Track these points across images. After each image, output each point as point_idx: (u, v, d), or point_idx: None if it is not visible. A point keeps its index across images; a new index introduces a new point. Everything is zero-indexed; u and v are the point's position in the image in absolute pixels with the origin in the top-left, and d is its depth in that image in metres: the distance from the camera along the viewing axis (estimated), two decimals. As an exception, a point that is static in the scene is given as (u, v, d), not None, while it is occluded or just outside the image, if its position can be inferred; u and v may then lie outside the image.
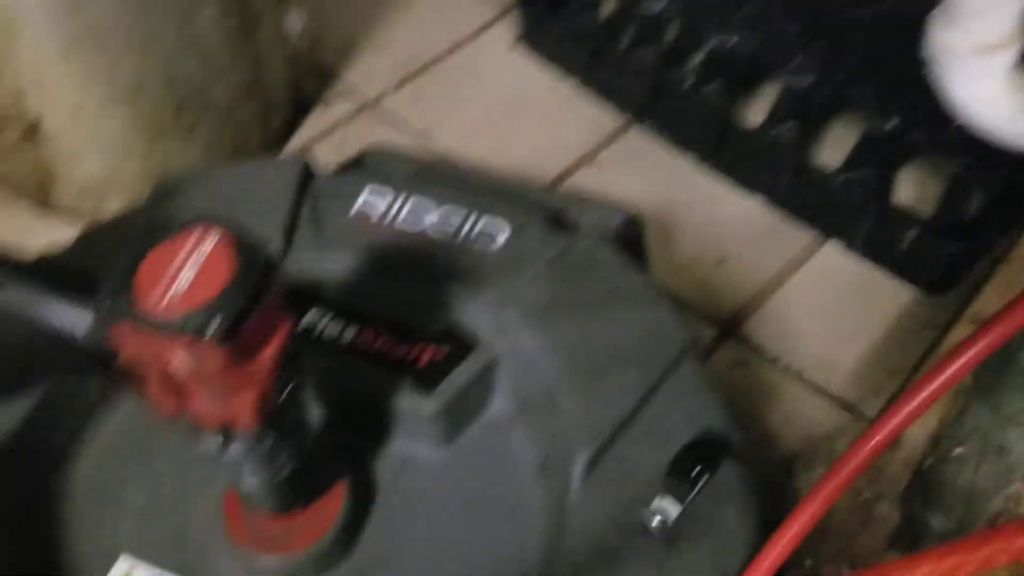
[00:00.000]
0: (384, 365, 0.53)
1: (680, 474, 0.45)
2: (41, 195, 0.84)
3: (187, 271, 0.36)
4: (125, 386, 0.42)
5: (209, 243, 0.36)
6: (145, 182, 0.81)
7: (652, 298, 0.53)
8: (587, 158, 0.85)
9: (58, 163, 0.80)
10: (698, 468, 0.45)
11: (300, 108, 0.94)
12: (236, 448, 0.41)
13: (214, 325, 0.35)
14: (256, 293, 0.36)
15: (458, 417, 0.53)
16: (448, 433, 0.53)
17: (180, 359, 0.36)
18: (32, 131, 0.77)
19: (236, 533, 0.49)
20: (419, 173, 0.65)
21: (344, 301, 0.56)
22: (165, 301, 0.35)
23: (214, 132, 0.84)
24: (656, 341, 0.51)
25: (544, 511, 0.50)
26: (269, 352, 0.38)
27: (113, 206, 0.83)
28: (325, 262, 0.57)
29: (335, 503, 0.50)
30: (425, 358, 0.53)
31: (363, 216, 0.59)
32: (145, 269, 0.36)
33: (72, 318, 0.39)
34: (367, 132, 0.90)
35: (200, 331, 0.35)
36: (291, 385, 0.41)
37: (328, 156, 0.64)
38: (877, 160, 0.76)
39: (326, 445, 0.47)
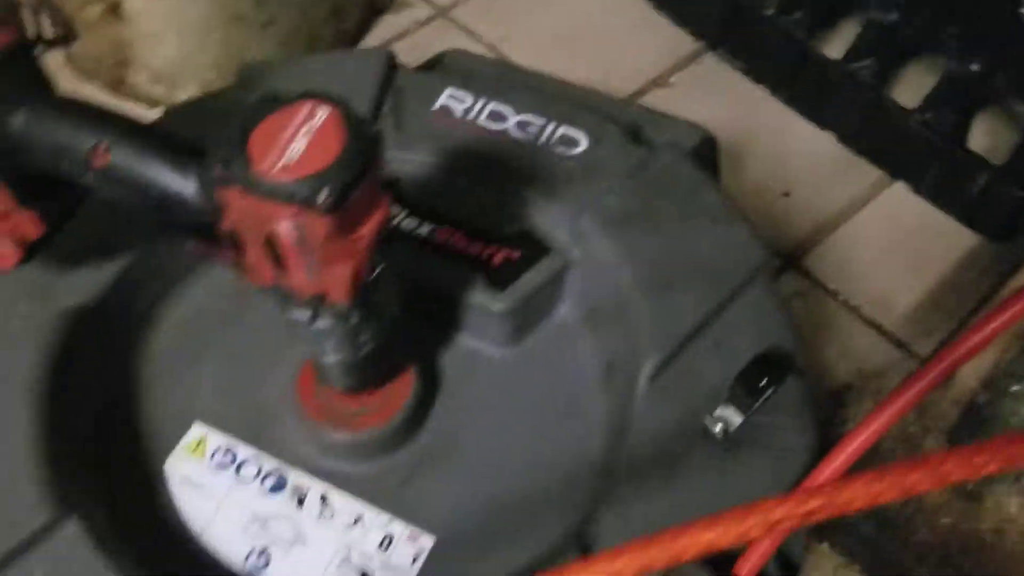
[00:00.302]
0: (458, 262, 0.54)
1: (746, 385, 0.46)
2: (115, 78, 0.85)
3: (298, 141, 0.37)
4: (217, 255, 0.43)
5: (320, 116, 0.37)
6: (218, 72, 0.82)
7: (729, 215, 0.53)
8: (659, 80, 0.85)
9: (136, 44, 0.81)
10: (764, 380, 0.46)
11: (372, 11, 0.93)
12: (323, 322, 0.43)
13: (323, 194, 0.36)
14: (364, 167, 0.37)
15: (527, 318, 0.54)
16: (515, 333, 0.54)
17: (286, 226, 0.37)
18: (114, 9, 0.78)
19: (308, 408, 0.51)
20: (499, 78, 0.65)
21: (422, 196, 0.57)
22: (276, 168, 0.36)
23: (289, 27, 0.84)
24: (731, 257, 0.51)
25: (607, 414, 0.51)
26: (368, 228, 0.39)
27: (183, 95, 0.84)
28: (405, 156, 0.58)
29: (404, 388, 0.52)
30: (499, 258, 0.54)
31: (445, 113, 0.59)
32: (257, 137, 0.37)
33: (180, 181, 0.40)
34: (437, 40, 0.90)
35: (309, 199, 0.36)
36: (381, 266, 0.42)
37: (400, 60, 0.65)
38: (955, 103, 0.75)
39: (402, 331, 0.48)
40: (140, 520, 0.48)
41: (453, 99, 0.60)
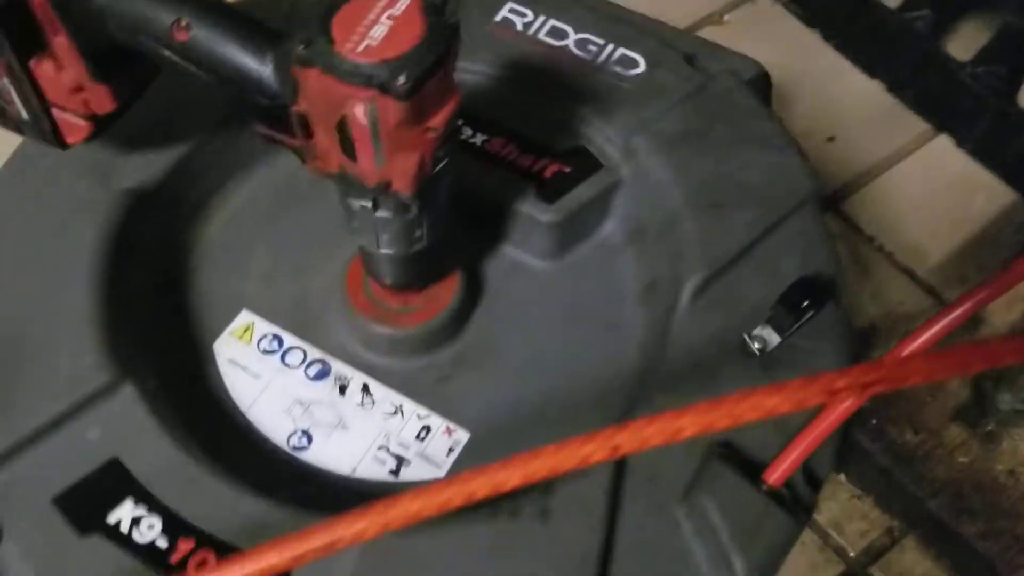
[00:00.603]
0: (509, 172, 0.55)
1: (786, 306, 0.47)
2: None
3: (379, 28, 0.38)
4: (285, 139, 0.44)
5: (401, 3, 0.38)
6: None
7: (783, 144, 0.54)
8: (713, 17, 0.85)
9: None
10: (804, 303, 0.47)
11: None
12: (383, 212, 0.44)
13: (401, 79, 0.37)
14: (442, 56, 0.38)
15: (573, 232, 0.55)
16: (560, 246, 0.55)
17: (361, 109, 0.38)
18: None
19: (354, 302, 0.52)
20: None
21: (477, 106, 0.57)
22: (357, 50, 0.37)
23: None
24: (782, 184, 0.52)
25: (646, 327, 0.52)
26: (438, 120, 0.40)
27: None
28: (462, 65, 0.58)
29: (449, 290, 0.53)
30: (549, 172, 0.55)
31: (505, 25, 0.60)
32: (339, 20, 0.38)
33: (257, 61, 0.41)
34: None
35: (387, 83, 0.37)
36: (444, 161, 0.43)
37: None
38: (1009, 58, 0.75)
39: (452, 232, 0.49)
40: (189, 393, 0.50)
41: (514, 13, 0.60)
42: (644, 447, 0.28)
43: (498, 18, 0.60)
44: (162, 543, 0.41)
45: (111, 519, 0.42)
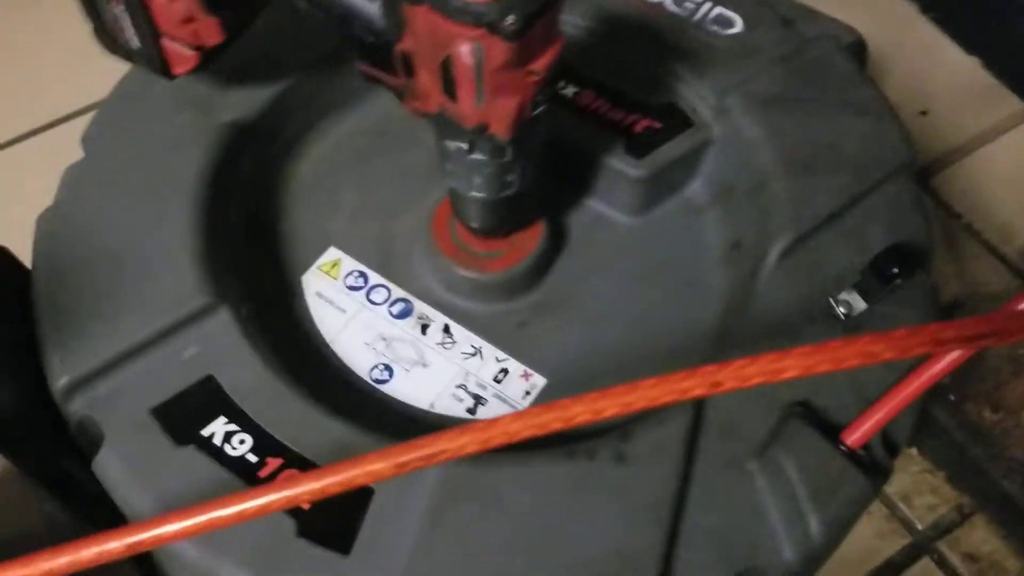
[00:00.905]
0: (599, 125, 0.56)
1: (875, 273, 0.47)
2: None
3: (489, -33, 0.38)
4: (385, 78, 0.45)
5: (513, -56, 0.38)
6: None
7: (880, 110, 0.53)
8: (808, -18, 0.83)
9: None
10: (895, 271, 0.46)
11: None
12: (479, 155, 0.45)
13: (510, 19, 0.37)
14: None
15: (659, 188, 0.56)
16: (646, 201, 0.56)
17: (467, 48, 0.39)
18: None
19: (439, 245, 0.54)
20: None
21: (569, 58, 0.57)
22: (466, -10, 0.38)
23: None
24: (877, 151, 0.51)
25: (728, 287, 0.53)
26: (541, 63, 0.40)
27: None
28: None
29: (532, 239, 0.54)
30: (640, 126, 0.55)
31: (602, -21, 0.60)
32: (449, -41, 0.38)
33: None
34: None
35: (495, 23, 0.37)
36: (542, 107, 0.44)
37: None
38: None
39: (540, 181, 0.50)
40: (278, 322, 0.52)
41: (611, -34, 0.60)
42: (745, 384, 0.28)
43: (596, -29, 0.60)
44: (252, 458, 0.43)
45: (205, 432, 0.44)
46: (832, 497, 0.41)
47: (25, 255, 0.49)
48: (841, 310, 0.47)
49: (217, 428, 0.44)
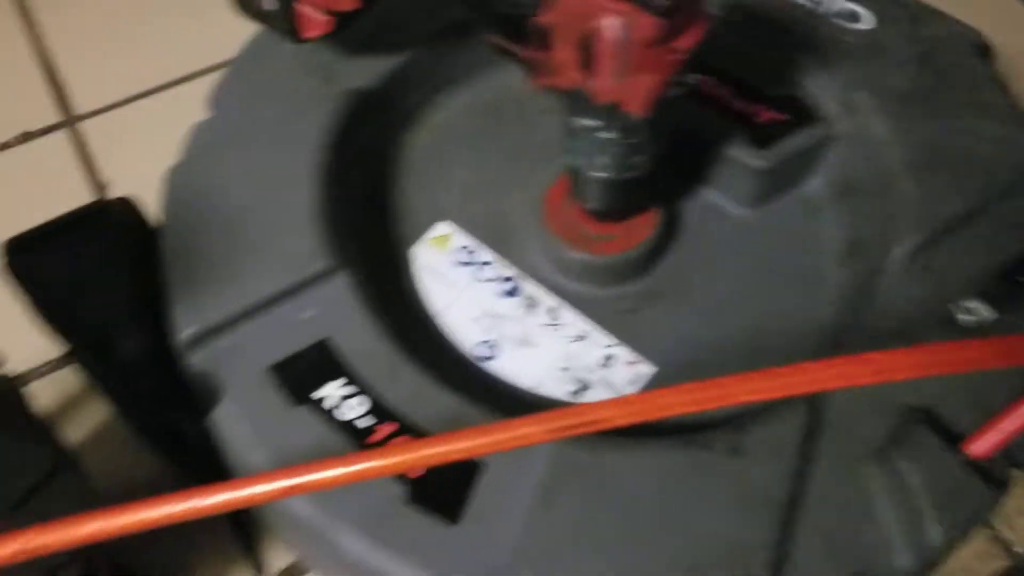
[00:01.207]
0: (722, 114, 0.55)
1: (1007, 282, 0.45)
2: None
3: (643, -57, 0.38)
4: (517, 51, 0.45)
5: (668, -78, 0.38)
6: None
7: (1012, 114, 0.52)
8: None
9: None
10: (1026, 281, 0.45)
11: None
12: (609, 133, 0.45)
13: (658, -4, 0.37)
14: (703, -22, 0.37)
15: (779, 181, 0.55)
16: (764, 194, 0.55)
17: (613, 23, 0.38)
18: None
19: (551, 225, 0.53)
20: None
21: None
22: (619, -35, 0.37)
23: None
24: (1009, 156, 0.50)
25: (845, 287, 0.51)
26: (684, 42, 0.40)
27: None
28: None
29: (647, 224, 0.53)
30: (764, 117, 0.54)
31: (732, -33, 0.59)
32: (602, -67, 0.38)
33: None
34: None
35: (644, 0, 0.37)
36: (677, 90, 0.43)
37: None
38: None
39: (658, 166, 0.49)
40: (389, 291, 0.52)
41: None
42: (859, 382, 0.27)
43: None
44: (366, 422, 0.43)
45: (320, 394, 0.44)
46: (952, 506, 0.40)
47: (147, 206, 0.51)
48: (966, 317, 0.46)
49: (331, 391, 0.44)
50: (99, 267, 0.46)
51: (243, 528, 0.57)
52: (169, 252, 0.48)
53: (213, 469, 0.51)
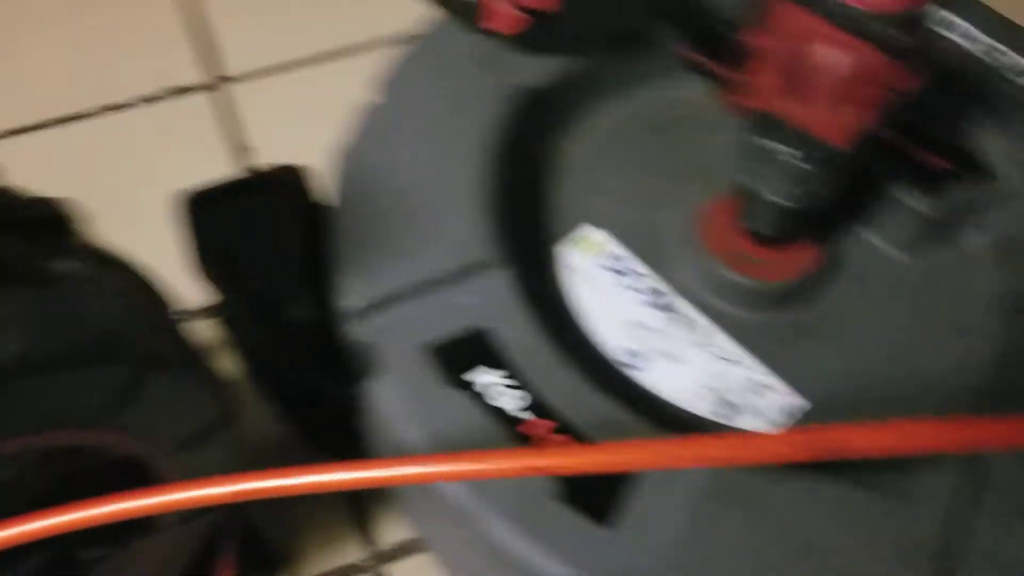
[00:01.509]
0: (891, 155, 0.54)
1: None
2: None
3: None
4: (710, 66, 0.45)
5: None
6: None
7: None
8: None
9: None
10: None
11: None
12: (798, 160, 0.44)
13: (899, 36, 0.36)
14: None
15: (942, 230, 0.54)
16: (925, 241, 0.54)
17: (844, 57, 0.38)
18: None
19: (706, 239, 0.53)
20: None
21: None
22: (857, -4, 0.37)
23: None
24: None
25: (1004, 344, 0.50)
26: (906, 82, 0.39)
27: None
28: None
29: (806, 256, 0.53)
30: (934, 165, 0.54)
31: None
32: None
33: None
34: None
35: (883, 36, 0.37)
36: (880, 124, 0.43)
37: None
38: None
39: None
40: (538, 287, 0.52)
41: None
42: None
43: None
44: (519, 415, 0.43)
45: (478, 379, 0.44)
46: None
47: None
48: None
49: (487, 378, 0.45)
50: (276, 231, 0.47)
51: (358, 499, 0.57)
52: (341, 227, 0.49)
53: (343, 440, 0.52)
